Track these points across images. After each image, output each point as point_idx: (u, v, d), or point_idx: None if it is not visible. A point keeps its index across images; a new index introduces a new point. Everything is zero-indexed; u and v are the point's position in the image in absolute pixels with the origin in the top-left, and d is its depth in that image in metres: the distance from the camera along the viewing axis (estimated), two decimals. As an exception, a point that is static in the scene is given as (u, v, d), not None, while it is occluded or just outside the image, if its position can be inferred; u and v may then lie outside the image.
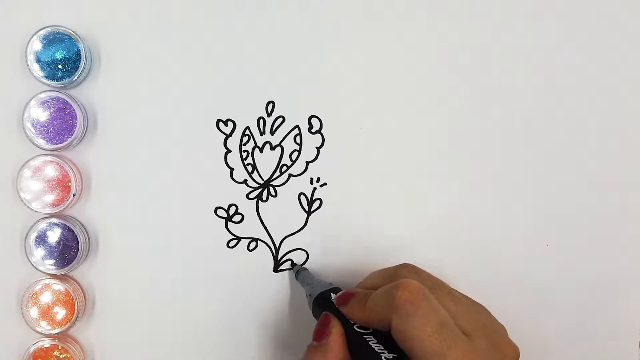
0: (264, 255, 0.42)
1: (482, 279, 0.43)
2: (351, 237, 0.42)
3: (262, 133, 0.42)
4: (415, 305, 0.31)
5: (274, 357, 0.42)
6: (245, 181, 0.42)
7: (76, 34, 0.39)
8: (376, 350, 0.32)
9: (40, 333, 0.39)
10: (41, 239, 0.39)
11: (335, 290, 0.37)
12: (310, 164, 0.42)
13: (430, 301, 0.31)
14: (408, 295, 0.31)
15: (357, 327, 0.34)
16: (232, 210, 0.42)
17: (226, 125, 0.41)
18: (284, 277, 0.42)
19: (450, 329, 0.31)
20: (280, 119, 0.41)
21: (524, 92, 0.42)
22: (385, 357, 0.32)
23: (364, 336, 0.33)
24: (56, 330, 0.39)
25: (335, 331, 0.34)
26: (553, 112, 0.43)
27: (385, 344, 0.32)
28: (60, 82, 0.39)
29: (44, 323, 0.39)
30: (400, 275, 0.34)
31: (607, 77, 0.43)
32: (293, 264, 0.42)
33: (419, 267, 0.35)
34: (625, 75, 0.43)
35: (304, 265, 0.42)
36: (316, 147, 0.42)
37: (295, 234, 0.42)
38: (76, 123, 0.39)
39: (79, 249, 0.39)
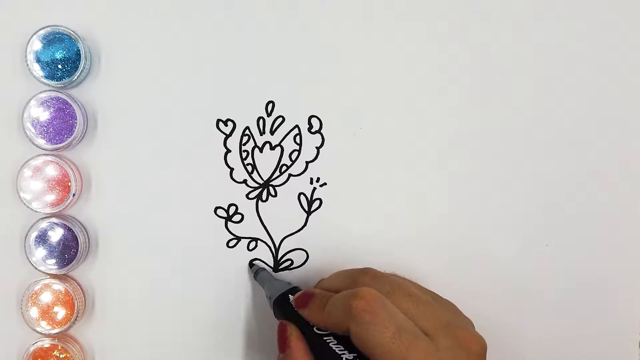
0: (264, 255, 0.42)
1: (482, 279, 0.43)
2: (351, 237, 0.42)
3: (262, 133, 0.42)
4: (373, 313, 0.31)
5: (274, 356, 0.42)
6: (245, 181, 0.42)
7: (76, 34, 0.39)
8: (337, 351, 0.33)
9: (40, 333, 0.39)
10: (41, 238, 0.39)
11: (294, 290, 0.37)
12: (310, 164, 0.42)
13: (387, 308, 0.32)
14: (364, 304, 0.32)
15: (317, 329, 0.34)
16: (232, 210, 0.42)
17: (226, 125, 0.41)
18: (284, 276, 0.42)
19: (409, 332, 0.31)
20: (280, 119, 0.41)
21: (524, 93, 0.42)
22: (346, 358, 0.32)
23: (324, 337, 0.34)
24: (56, 330, 0.39)
25: (294, 338, 0.34)
26: (553, 113, 0.43)
27: (345, 345, 0.33)
28: (60, 82, 0.39)
29: (43, 323, 0.39)
30: (360, 282, 0.35)
31: (607, 77, 0.43)
32: (251, 264, 0.42)
33: (379, 270, 0.36)
34: (625, 75, 0.43)
35: (264, 267, 0.42)
36: (316, 147, 0.42)
37: (295, 234, 0.42)
38: (76, 123, 0.39)
39: (79, 248, 0.39)
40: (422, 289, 0.36)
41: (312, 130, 0.42)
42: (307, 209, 0.42)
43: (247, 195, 0.42)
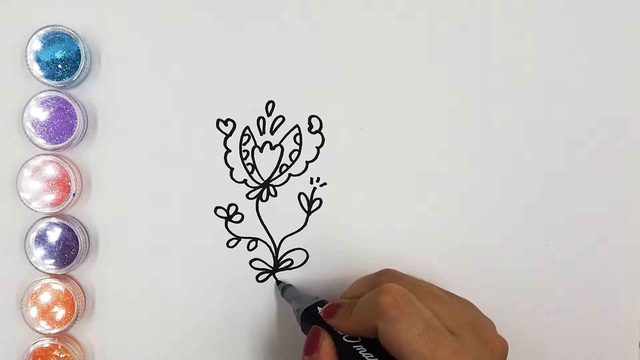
0: (263, 255, 0.42)
1: (482, 279, 0.43)
2: (351, 236, 0.42)
3: (262, 133, 0.42)
4: (399, 309, 0.31)
5: (274, 357, 0.42)
6: (245, 181, 0.42)
7: (76, 34, 0.39)
8: (367, 358, 0.32)
9: (40, 333, 0.39)
10: (41, 238, 0.39)
11: (322, 303, 0.37)
12: (310, 164, 0.42)
13: (414, 304, 0.31)
14: (391, 299, 0.31)
15: (346, 337, 0.34)
16: (232, 210, 0.41)
17: (226, 125, 0.41)
18: (285, 276, 0.42)
19: (437, 330, 0.31)
20: (280, 119, 0.41)
21: (524, 93, 0.42)
22: None
23: (354, 346, 0.33)
24: (56, 330, 0.39)
25: (326, 344, 0.34)
26: (553, 113, 0.43)
27: (376, 352, 0.32)
28: (60, 81, 0.39)
29: (43, 323, 0.39)
30: (382, 282, 0.34)
31: (608, 77, 0.43)
32: (278, 282, 0.42)
33: (398, 271, 0.35)
34: (625, 75, 0.43)
35: (289, 283, 0.42)
36: (316, 147, 0.42)
37: (295, 234, 0.42)
38: (76, 123, 0.39)
39: (79, 248, 0.39)
40: (441, 289, 0.35)
41: (312, 130, 0.42)
42: (307, 209, 0.42)
43: (247, 195, 0.42)
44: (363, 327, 0.32)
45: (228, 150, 0.41)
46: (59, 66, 0.39)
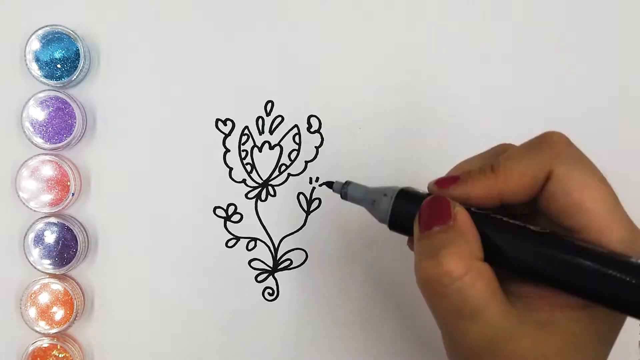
0: (263, 254, 0.42)
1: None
2: (351, 236, 0.42)
3: (261, 132, 0.42)
4: (578, 151, 0.26)
5: (273, 356, 0.42)
6: (244, 181, 0.42)
7: (75, 34, 0.39)
8: (518, 224, 0.26)
9: (39, 332, 0.39)
10: (40, 238, 0.39)
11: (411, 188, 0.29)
12: (309, 164, 0.42)
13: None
14: (567, 139, 0.26)
15: (475, 210, 0.27)
16: (231, 209, 0.41)
17: (225, 124, 0.41)
18: (284, 276, 0.42)
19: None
20: (280, 119, 0.41)
21: (524, 92, 0.42)
22: (532, 228, 0.25)
23: (492, 215, 0.26)
24: (55, 330, 0.39)
25: (463, 212, 0.26)
26: (553, 110, 0.42)
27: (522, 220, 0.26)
28: (59, 81, 0.39)
29: (42, 323, 0.39)
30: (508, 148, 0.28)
31: (608, 76, 0.42)
32: (329, 184, 0.33)
33: None
34: (627, 73, 0.42)
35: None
36: (315, 147, 0.42)
37: (295, 234, 0.42)
38: (75, 122, 0.39)
39: (78, 248, 0.39)
40: None
41: (312, 129, 0.42)
42: (306, 209, 0.42)
43: (246, 195, 0.42)
44: (518, 185, 0.26)
45: (227, 150, 0.41)
46: (58, 66, 0.39)
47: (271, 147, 0.42)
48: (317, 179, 0.42)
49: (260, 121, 0.41)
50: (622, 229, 0.25)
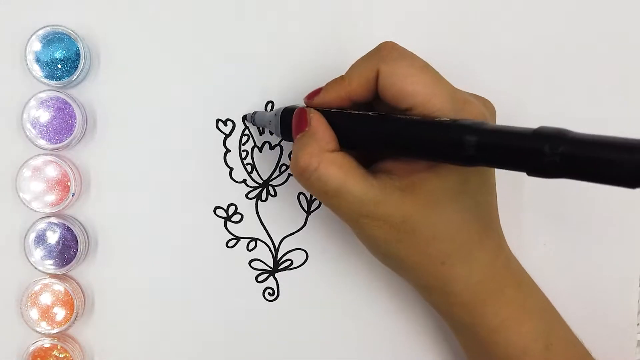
0: (263, 255, 0.42)
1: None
2: (351, 236, 0.42)
3: (261, 133, 0.42)
4: (401, 50, 0.32)
5: (274, 357, 0.42)
6: (244, 181, 0.42)
7: (75, 34, 0.39)
8: (360, 113, 0.33)
9: (40, 333, 0.39)
10: (40, 238, 0.39)
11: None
12: (309, 164, 0.42)
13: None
14: (392, 44, 0.33)
15: (333, 110, 0.34)
16: (232, 210, 0.41)
17: (225, 125, 0.41)
18: (285, 276, 0.42)
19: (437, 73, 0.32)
20: (280, 119, 0.41)
21: (525, 92, 0.42)
22: (371, 114, 0.32)
23: (344, 112, 0.33)
24: (56, 330, 0.39)
25: (315, 115, 0.33)
26: (551, 108, 0.42)
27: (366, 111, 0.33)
28: (59, 81, 0.39)
29: (43, 323, 0.39)
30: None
31: (609, 76, 0.42)
32: (244, 117, 0.41)
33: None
34: (627, 72, 0.43)
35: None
36: (315, 147, 0.42)
37: (295, 234, 0.42)
38: (75, 123, 0.39)
39: (79, 248, 0.39)
40: None
41: (312, 130, 0.42)
42: (306, 209, 0.42)
43: (246, 195, 0.42)
44: (359, 84, 0.33)
45: (227, 150, 0.41)
46: (59, 66, 0.39)
47: (271, 147, 0.42)
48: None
49: (260, 121, 0.41)
50: (441, 101, 0.30)
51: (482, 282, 0.33)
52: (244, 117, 0.41)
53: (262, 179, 0.42)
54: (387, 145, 0.31)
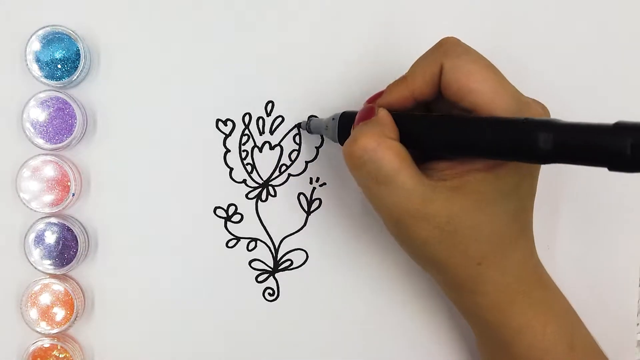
0: (263, 255, 0.42)
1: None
2: (351, 236, 0.42)
3: (261, 133, 0.42)
4: (465, 47, 0.32)
5: (274, 357, 0.42)
6: (244, 181, 0.42)
7: (75, 34, 0.39)
8: (425, 114, 0.33)
9: (40, 333, 0.39)
10: (40, 238, 0.39)
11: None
12: (309, 164, 0.42)
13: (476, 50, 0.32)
14: (456, 39, 0.32)
15: (395, 112, 0.33)
16: (232, 210, 0.41)
17: (225, 125, 0.41)
18: (285, 276, 0.42)
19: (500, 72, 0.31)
20: (280, 119, 0.41)
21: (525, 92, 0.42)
22: (434, 114, 0.32)
23: (408, 113, 0.33)
24: (55, 330, 0.39)
25: (383, 110, 0.33)
26: (556, 111, 0.42)
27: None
28: (59, 81, 0.39)
29: (43, 323, 0.39)
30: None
31: (610, 77, 0.42)
32: (298, 125, 0.41)
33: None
34: (627, 73, 0.43)
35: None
36: (315, 147, 0.42)
37: (295, 234, 0.42)
38: (75, 123, 0.39)
39: (79, 248, 0.39)
40: None
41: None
42: (306, 209, 0.42)
43: (246, 195, 0.42)
44: (422, 81, 0.32)
45: (227, 150, 0.41)
46: (59, 66, 0.39)
47: (272, 148, 0.42)
48: (317, 179, 0.42)
49: (260, 121, 0.41)
50: (506, 102, 0.30)
51: (512, 284, 0.33)
52: (298, 125, 0.41)
53: (262, 179, 0.42)
54: (453, 144, 0.31)
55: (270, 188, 0.42)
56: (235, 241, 0.42)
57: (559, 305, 0.35)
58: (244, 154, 0.41)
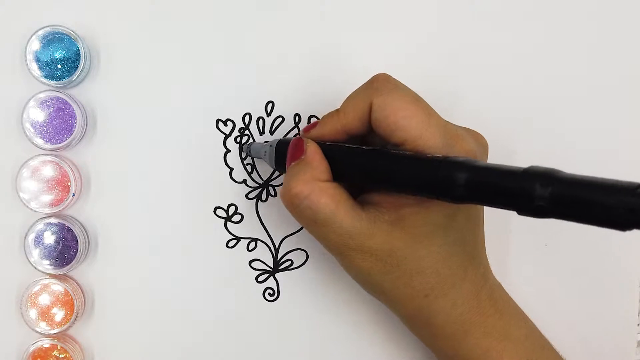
0: (263, 255, 0.42)
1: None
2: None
3: (261, 133, 0.42)
4: (394, 82, 0.33)
5: (274, 357, 0.42)
6: (244, 181, 0.42)
7: (75, 34, 0.39)
8: (352, 147, 0.33)
9: (40, 333, 0.39)
10: (40, 239, 0.39)
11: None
12: (309, 164, 0.42)
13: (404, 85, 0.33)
14: (386, 76, 0.33)
15: (328, 142, 0.34)
16: (232, 210, 0.41)
17: (226, 125, 0.41)
18: (285, 277, 0.42)
19: (427, 104, 0.32)
20: (280, 119, 0.41)
21: (525, 92, 0.42)
22: (364, 148, 0.32)
23: (339, 145, 0.34)
24: (55, 330, 0.39)
25: (312, 145, 0.33)
26: (552, 109, 0.42)
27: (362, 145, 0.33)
28: (59, 81, 0.39)
29: (43, 323, 0.39)
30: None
31: (610, 77, 0.42)
32: (240, 148, 0.41)
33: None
34: (627, 74, 0.43)
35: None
36: (316, 147, 0.42)
37: (295, 234, 0.42)
38: (75, 123, 0.39)
39: (79, 248, 0.39)
40: None
41: (312, 130, 0.42)
42: (306, 209, 0.42)
43: (246, 195, 0.42)
44: (354, 117, 0.33)
45: (228, 150, 0.41)
46: (59, 66, 0.39)
47: (272, 148, 0.42)
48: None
49: (260, 121, 0.41)
50: (433, 137, 0.30)
51: (465, 314, 0.33)
52: (240, 148, 0.41)
53: (262, 179, 0.42)
54: (377, 180, 0.31)
55: (271, 188, 0.42)
56: (235, 241, 0.42)
57: (517, 331, 0.35)
58: (244, 154, 0.41)
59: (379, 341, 0.42)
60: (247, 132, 0.41)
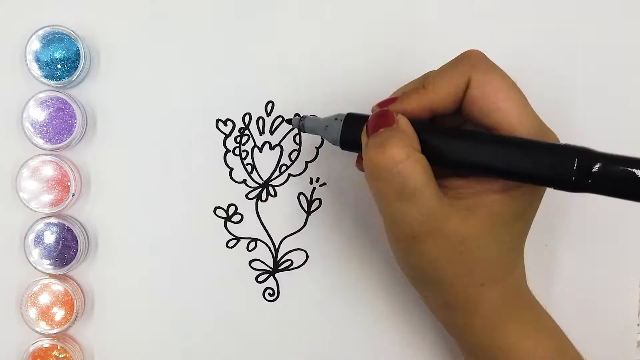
0: (263, 255, 0.42)
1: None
2: (351, 237, 0.42)
3: (261, 133, 0.42)
4: (492, 62, 0.30)
5: (274, 357, 0.42)
6: (244, 181, 0.42)
7: (75, 34, 0.39)
8: (447, 128, 0.30)
9: (40, 333, 0.39)
10: (40, 238, 0.39)
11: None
12: (309, 164, 0.42)
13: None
14: (482, 53, 0.31)
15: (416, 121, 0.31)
16: (232, 210, 0.41)
17: (225, 125, 0.41)
18: (285, 277, 0.42)
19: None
20: (280, 119, 0.41)
21: (525, 92, 0.42)
22: (461, 129, 0.30)
23: (426, 123, 0.31)
24: (55, 330, 0.39)
25: (403, 117, 0.30)
26: (552, 108, 0.42)
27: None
28: (59, 81, 0.39)
29: (43, 323, 0.39)
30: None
31: (610, 78, 0.42)
32: (288, 120, 0.39)
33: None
34: (627, 77, 0.43)
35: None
36: (315, 147, 0.42)
37: (295, 234, 0.42)
38: (75, 123, 0.39)
39: (78, 248, 0.39)
40: None
41: (312, 130, 0.42)
42: (306, 209, 0.42)
43: (246, 195, 0.42)
44: (445, 94, 0.30)
45: (227, 150, 0.41)
46: (58, 66, 0.39)
47: (272, 148, 0.42)
48: (317, 179, 0.42)
49: (260, 121, 0.41)
50: (531, 123, 0.29)
51: (508, 304, 0.33)
52: (288, 121, 0.38)
53: (262, 179, 0.42)
54: (483, 164, 0.29)
55: (270, 188, 0.42)
56: (235, 241, 0.42)
57: (547, 323, 0.35)
58: (244, 154, 0.41)
59: (379, 340, 0.42)
60: (247, 132, 0.41)
